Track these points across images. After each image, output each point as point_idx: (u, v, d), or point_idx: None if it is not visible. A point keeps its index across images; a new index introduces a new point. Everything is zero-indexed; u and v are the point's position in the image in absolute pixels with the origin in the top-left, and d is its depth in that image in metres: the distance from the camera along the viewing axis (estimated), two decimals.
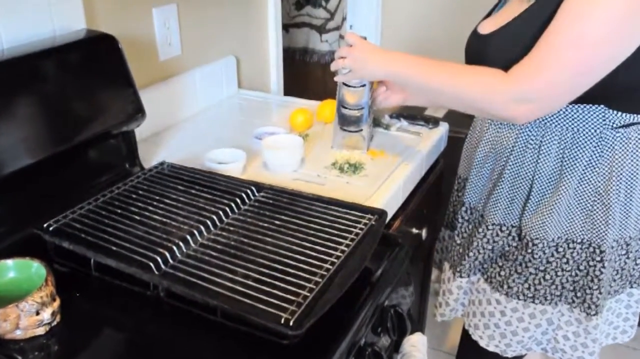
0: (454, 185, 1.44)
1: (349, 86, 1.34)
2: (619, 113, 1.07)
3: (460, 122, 1.76)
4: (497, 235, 1.24)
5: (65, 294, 0.88)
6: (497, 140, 1.23)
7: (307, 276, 0.88)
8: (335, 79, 1.30)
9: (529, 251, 1.19)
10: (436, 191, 1.60)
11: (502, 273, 1.24)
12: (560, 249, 1.17)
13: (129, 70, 1.20)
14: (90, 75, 1.13)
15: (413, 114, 1.58)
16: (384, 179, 1.28)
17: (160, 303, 0.89)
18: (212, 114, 1.69)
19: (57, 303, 0.85)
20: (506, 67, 1.04)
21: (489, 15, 1.22)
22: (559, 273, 1.19)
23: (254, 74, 1.99)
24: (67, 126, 1.07)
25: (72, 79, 1.09)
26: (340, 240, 0.97)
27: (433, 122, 1.56)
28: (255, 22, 1.94)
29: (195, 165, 1.28)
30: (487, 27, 1.17)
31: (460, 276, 1.31)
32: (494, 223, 1.24)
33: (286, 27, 3.32)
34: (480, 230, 1.26)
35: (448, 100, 1.12)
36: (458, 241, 1.35)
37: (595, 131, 1.09)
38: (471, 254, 1.28)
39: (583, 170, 1.12)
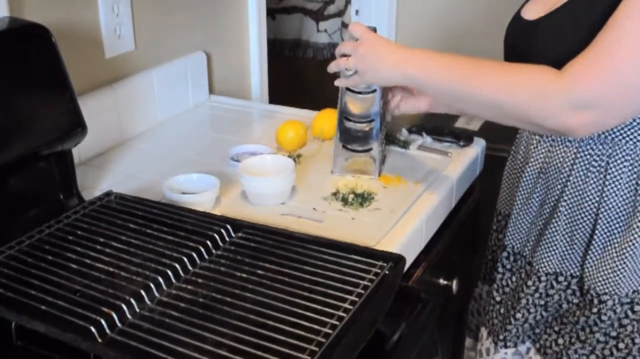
0: (492, 222, 1.44)
1: (355, 92, 1.34)
2: None
3: (500, 137, 1.75)
4: (552, 288, 1.24)
5: None
6: (549, 161, 1.23)
7: (300, 343, 0.87)
8: (336, 83, 1.31)
9: (595, 310, 1.18)
10: (470, 230, 1.60)
11: (560, 341, 1.23)
12: (637, 309, 1.17)
13: (65, 71, 1.21)
14: (12, 77, 1.13)
15: (439, 127, 1.59)
16: (400, 213, 1.28)
17: None
18: (175, 129, 1.70)
19: None
20: (559, 63, 1.06)
21: None
22: (637, 340, 1.18)
23: (229, 75, 2.00)
24: None
25: None
26: (344, 296, 0.96)
27: (465, 137, 1.56)
28: (231, 6, 1.96)
29: (152, 196, 1.28)
30: (534, 11, 1.18)
31: (505, 346, 1.31)
32: (547, 272, 1.24)
33: (272, 13, 3.36)
34: (529, 283, 1.26)
35: (484, 109, 1.13)
36: (498, 298, 1.35)
37: None
38: (518, 315, 1.28)
39: None
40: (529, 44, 1.14)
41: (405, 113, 1.42)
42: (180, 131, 1.68)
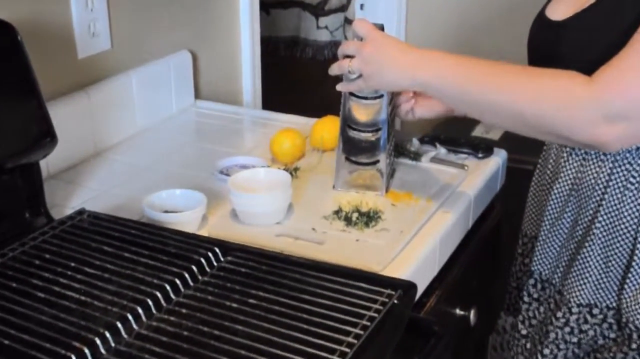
0: (516, 245, 1.44)
1: (359, 97, 1.35)
2: None
3: (525, 148, 1.73)
4: (586, 322, 1.24)
5: None
6: (581, 177, 1.24)
7: None
8: (339, 87, 1.31)
9: (635, 346, 1.19)
10: (491, 254, 1.60)
11: None
12: None
13: (33, 74, 1.22)
14: None
15: (454, 137, 1.59)
16: (411, 235, 1.28)
17: None
18: (157, 138, 1.70)
19: None
20: (589, 69, 1.07)
21: None
22: None
23: (218, 78, 2.01)
24: None
25: None
26: (347, 329, 0.95)
27: (484, 148, 1.56)
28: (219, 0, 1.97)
29: (130, 215, 1.28)
30: (560, 11, 1.19)
31: None
32: (580, 303, 1.24)
33: (266, 8, 3.35)
34: (558, 315, 1.26)
35: (504, 119, 1.14)
36: (524, 332, 1.35)
37: None
38: (546, 351, 1.28)
39: None
40: (556, 46, 1.15)
41: (420, 119, 1.43)
42: (163, 141, 1.68)
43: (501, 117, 1.14)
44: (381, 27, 1.27)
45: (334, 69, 1.29)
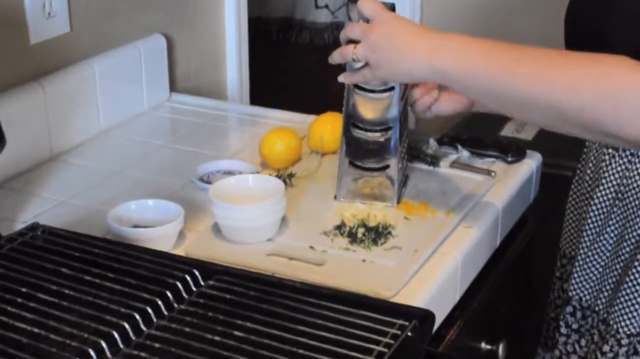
0: (554, 268, 1.44)
1: (366, 91, 1.35)
2: None
3: (563, 150, 1.75)
4: (637, 354, 1.24)
5: None
6: (627, 183, 1.24)
7: None
8: (341, 78, 1.31)
9: None
10: (522, 277, 1.58)
11: None
12: None
13: None
14: None
15: (479, 138, 1.58)
16: (427, 254, 1.28)
17: None
18: (124, 139, 1.69)
19: None
20: (639, 52, 1.06)
21: None
22: None
23: (198, 67, 2.00)
24: None
25: None
26: None
27: (515, 151, 1.56)
28: None
29: (93, 230, 1.28)
30: None
31: None
32: (631, 333, 1.24)
33: None
34: (604, 348, 1.26)
35: (538, 113, 1.13)
36: None
37: None
38: None
39: None
40: (600, 24, 1.15)
41: (439, 115, 1.42)
42: (131, 143, 1.68)
43: (534, 111, 1.12)
44: (392, 7, 1.27)
45: (336, 57, 1.28)
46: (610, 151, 1.25)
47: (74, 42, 1.64)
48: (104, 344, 0.97)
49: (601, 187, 1.27)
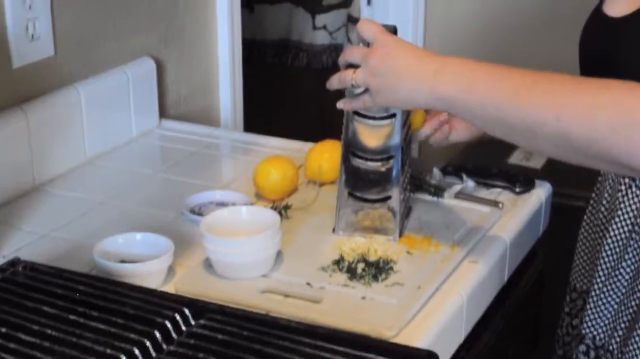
0: (564, 303, 1.43)
1: (366, 118, 1.34)
2: None
3: (574, 179, 1.74)
4: None
5: None
6: None
7: None
8: (340, 105, 1.30)
9: None
10: (531, 314, 1.58)
11: None
12: None
13: None
14: None
15: (485, 167, 1.58)
16: (431, 291, 1.27)
17: None
18: (111, 168, 1.69)
19: None
20: None
21: None
22: None
23: (189, 92, 2.00)
24: None
25: None
26: None
27: (523, 180, 1.56)
28: None
29: (77, 266, 1.28)
30: (621, 5, 1.19)
31: None
32: None
33: (250, 3, 3.38)
34: None
35: (548, 142, 1.10)
36: None
37: None
38: None
39: None
40: (613, 49, 1.15)
41: (456, 142, 1.43)
42: (119, 172, 1.67)
43: (542, 139, 1.10)
44: (393, 30, 1.26)
45: (334, 82, 1.27)
46: (627, 180, 1.25)
47: (59, 66, 1.65)
48: None
49: (617, 219, 1.27)
